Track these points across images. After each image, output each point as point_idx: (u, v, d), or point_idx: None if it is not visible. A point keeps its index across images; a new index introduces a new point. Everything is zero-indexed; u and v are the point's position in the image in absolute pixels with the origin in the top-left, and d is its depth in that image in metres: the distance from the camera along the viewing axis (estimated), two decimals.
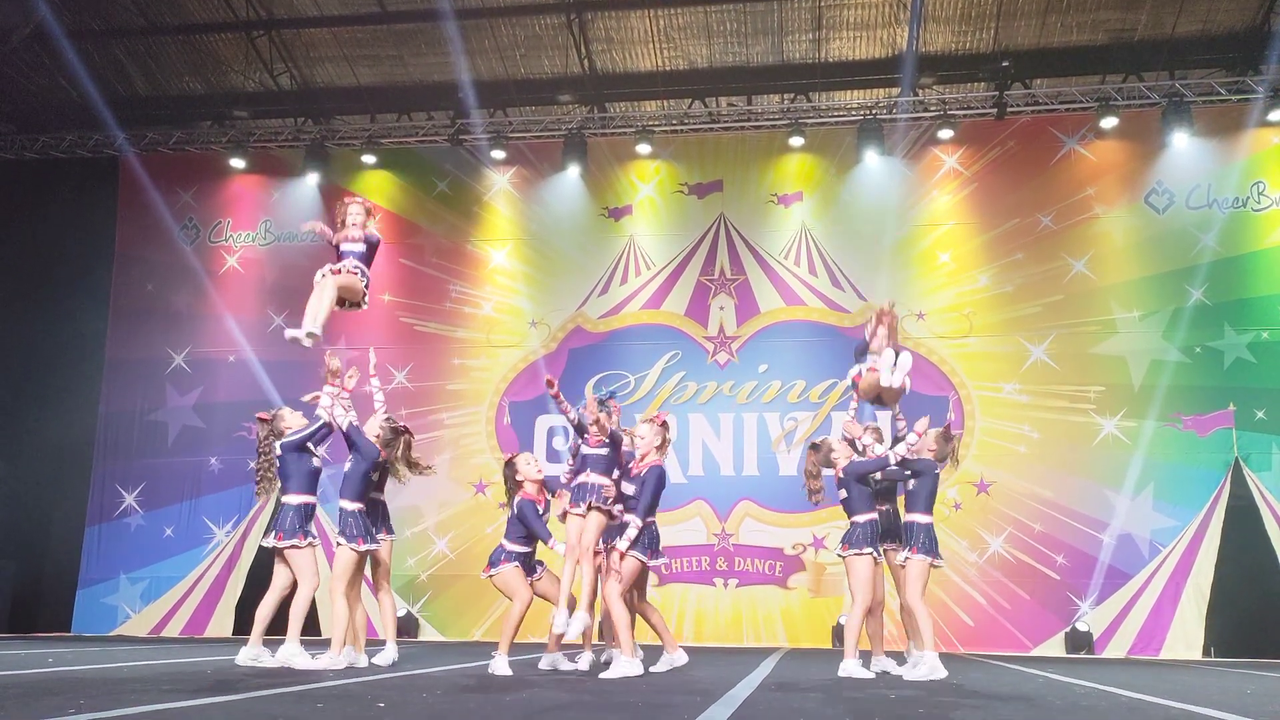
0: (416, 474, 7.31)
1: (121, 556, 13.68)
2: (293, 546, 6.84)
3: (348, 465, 6.92)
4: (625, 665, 6.31)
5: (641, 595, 7.06)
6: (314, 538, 6.94)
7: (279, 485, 7.05)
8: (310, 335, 6.61)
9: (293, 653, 6.68)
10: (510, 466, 7.01)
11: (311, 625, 7.25)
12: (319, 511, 11.87)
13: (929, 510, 6.90)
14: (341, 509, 6.86)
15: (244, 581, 13.13)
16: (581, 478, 6.62)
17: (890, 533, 7.27)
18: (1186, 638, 11.75)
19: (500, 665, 6.48)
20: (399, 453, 7.12)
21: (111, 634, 13.21)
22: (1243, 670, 9.21)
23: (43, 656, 7.88)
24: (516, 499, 6.82)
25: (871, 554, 6.93)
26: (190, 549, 13.57)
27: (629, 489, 6.65)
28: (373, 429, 7.10)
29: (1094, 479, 12.39)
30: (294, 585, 6.98)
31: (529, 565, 6.92)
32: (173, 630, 13.27)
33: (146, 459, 13.99)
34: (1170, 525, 12.11)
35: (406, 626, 12.38)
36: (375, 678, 6.02)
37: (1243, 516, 11.92)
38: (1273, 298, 12.52)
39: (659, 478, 6.58)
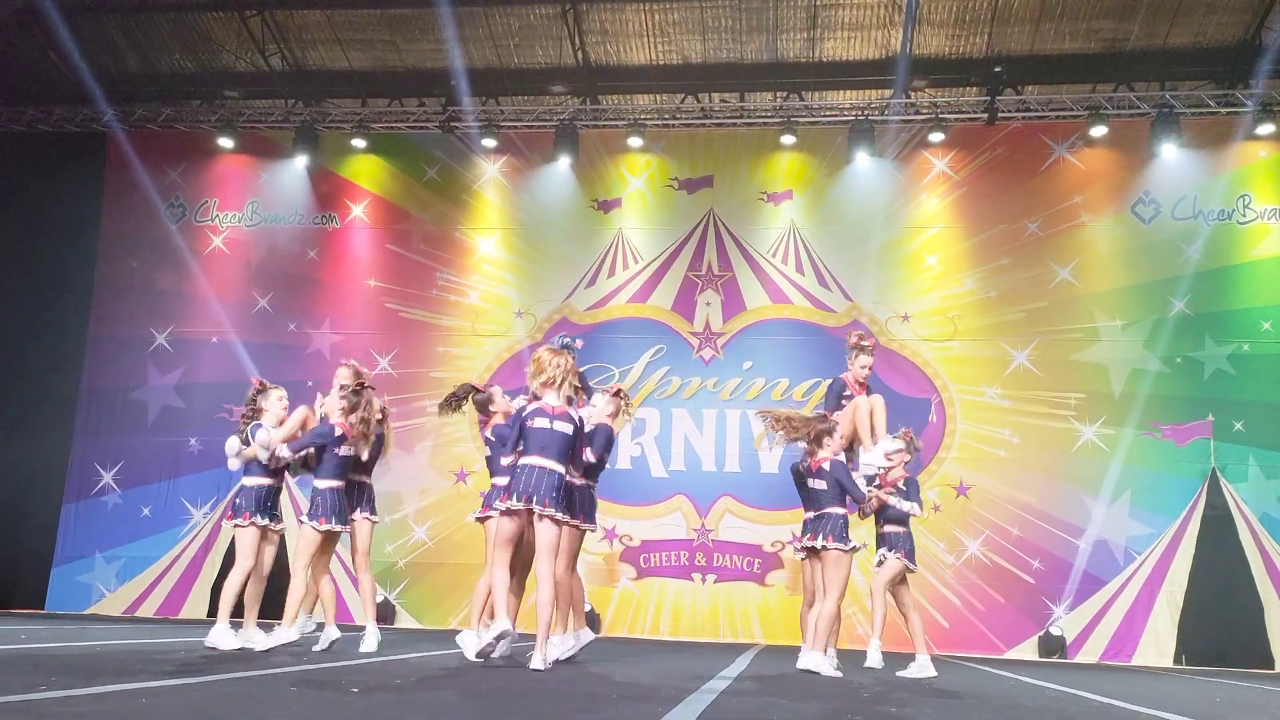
0: (379, 432, 7.17)
1: (98, 535, 13.59)
2: (236, 526, 6.85)
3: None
4: (559, 644, 6.38)
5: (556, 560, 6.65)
6: (258, 518, 6.81)
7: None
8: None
9: (220, 632, 6.56)
10: (482, 395, 7.06)
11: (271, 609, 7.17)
12: (296, 493, 11.89)
13: (902, 521, 7.22)
14: (314, 487, 6.86)
15: (220, 563, 13.06)
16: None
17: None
18: (1159, 645, 11.85)
19: (466, 640, 6.41)
20: (365, 414, 6.86)
21: (86, 612, 13.13)
22: (1213, 679, 9.30)
23: (15, 633, 7.84)
24: (490, 428, 6.92)
25: (855, 549, 6.95)
26: (167, 529, 13.51)
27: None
28: (333, 405, 6.93)
29: (1072, 485, 12.47)
30: (274, 565, 7.05)
31: None
32: (147, 610, 13.21)
33: (126, 437, 13.90)
34: (1146, 533, 12.20)
35: (383, 613, 12.34)
36: (350, 663, 6.01)
37: (1218, 526, 12.02)
38: (1254, 310, 12.61)
39: (608, 433, 6.70)
